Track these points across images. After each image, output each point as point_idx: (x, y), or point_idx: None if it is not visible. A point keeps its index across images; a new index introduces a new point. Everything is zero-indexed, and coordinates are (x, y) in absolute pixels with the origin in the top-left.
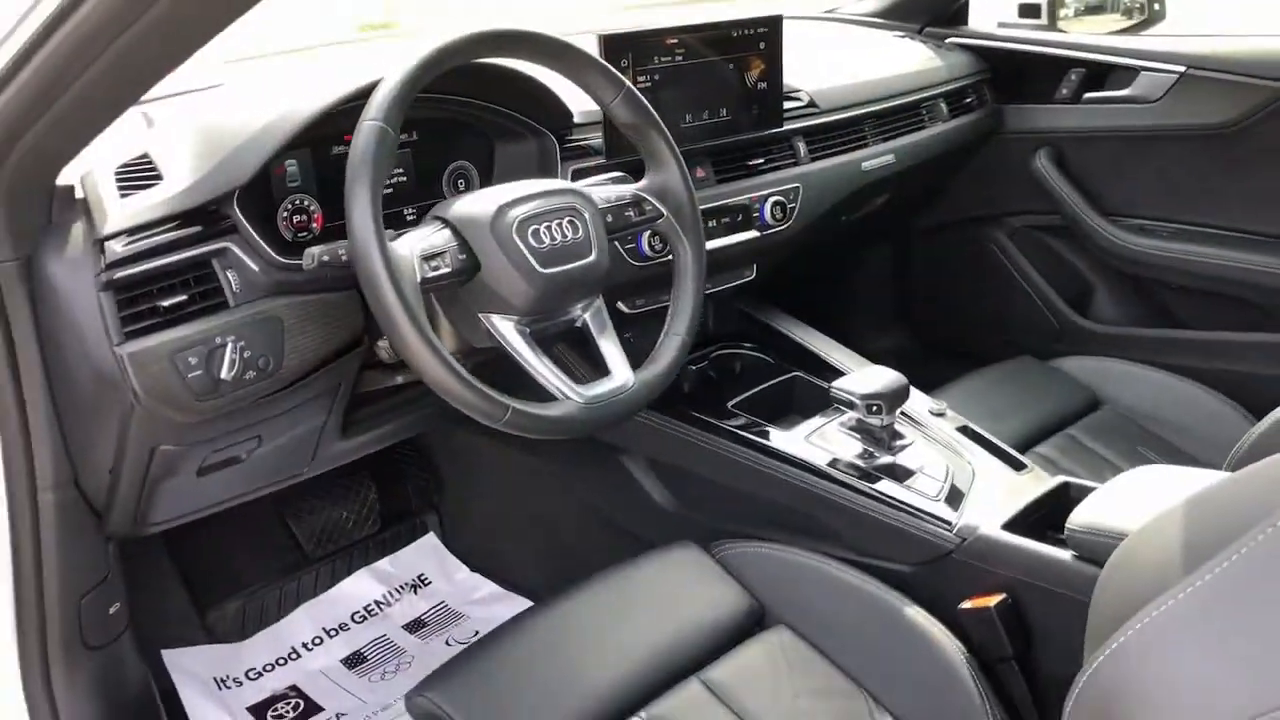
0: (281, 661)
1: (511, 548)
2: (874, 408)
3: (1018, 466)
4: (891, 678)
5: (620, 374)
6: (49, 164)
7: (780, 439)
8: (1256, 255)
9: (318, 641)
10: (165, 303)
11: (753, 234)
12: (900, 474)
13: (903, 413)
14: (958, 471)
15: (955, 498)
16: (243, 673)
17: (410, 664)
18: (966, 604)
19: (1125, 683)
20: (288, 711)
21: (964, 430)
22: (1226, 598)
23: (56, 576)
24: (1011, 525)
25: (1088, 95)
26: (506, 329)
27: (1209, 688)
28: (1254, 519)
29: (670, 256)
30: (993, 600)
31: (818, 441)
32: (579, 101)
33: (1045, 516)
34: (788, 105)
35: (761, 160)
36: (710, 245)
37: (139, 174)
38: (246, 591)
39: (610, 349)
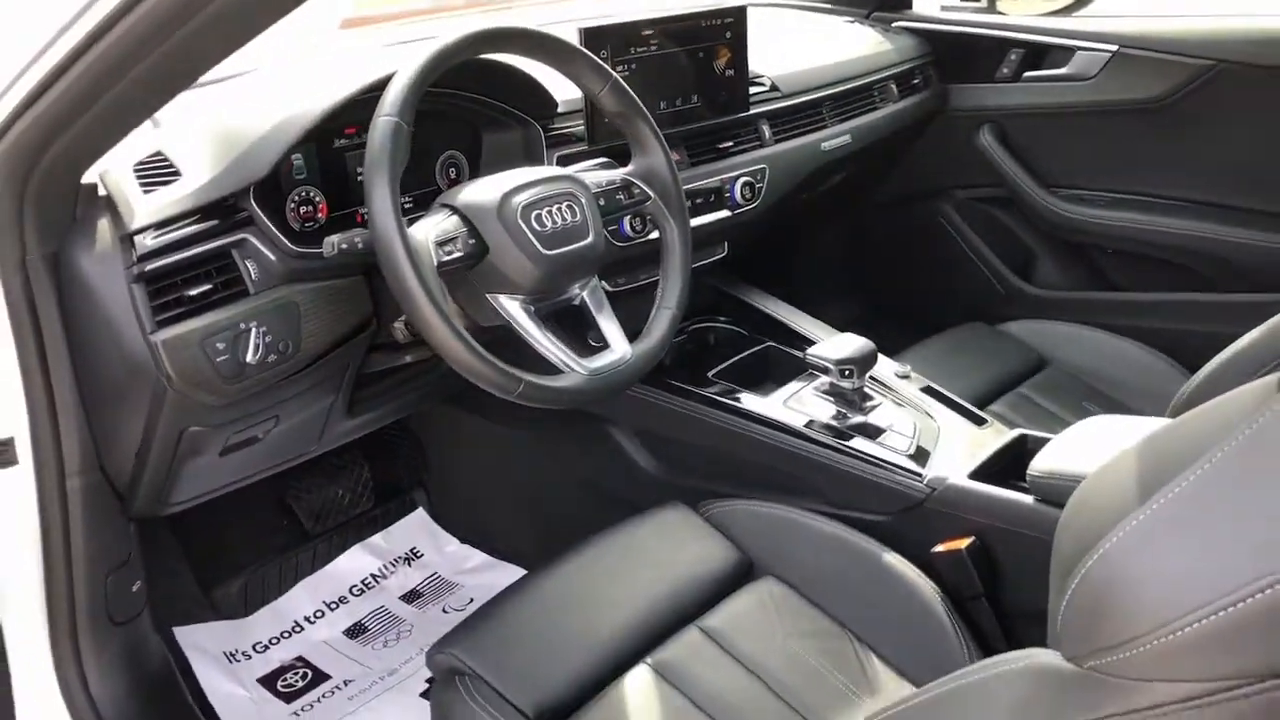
0: (286, 635)
1: (500, 519)
2: (846, 371)
3: (979, 422)
4: (872, 618)
5: (619, 347)
6: (79, 163)
7: (759, 404)
8: (1186, 220)
9: (319, 615)
10: (192, 292)
11: (724, 213)
12: (872, 432)
13: (871, 376)
14: (924, 428)
15: (923, 452)
16: (250, 646)
17: (410, 631)
18: (939, 548)
19: (1113, 578)
20: (297, 681)
21: (927, 390)
22: (1195, 502)
23: (84, 556)
24: (977, 475)
25: (1027, 74)
26: (513, 308)
27: (1184, 575)
28: (1199, 454)
29: (650, 236)
30: (963, 543)
31: (794, 405)
32: (560, 91)
33: (1006, 467)
34: (752, 90)
35: (730, 143)
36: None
37: (157, 171)
38: (248, 570)
39: (608, 324)
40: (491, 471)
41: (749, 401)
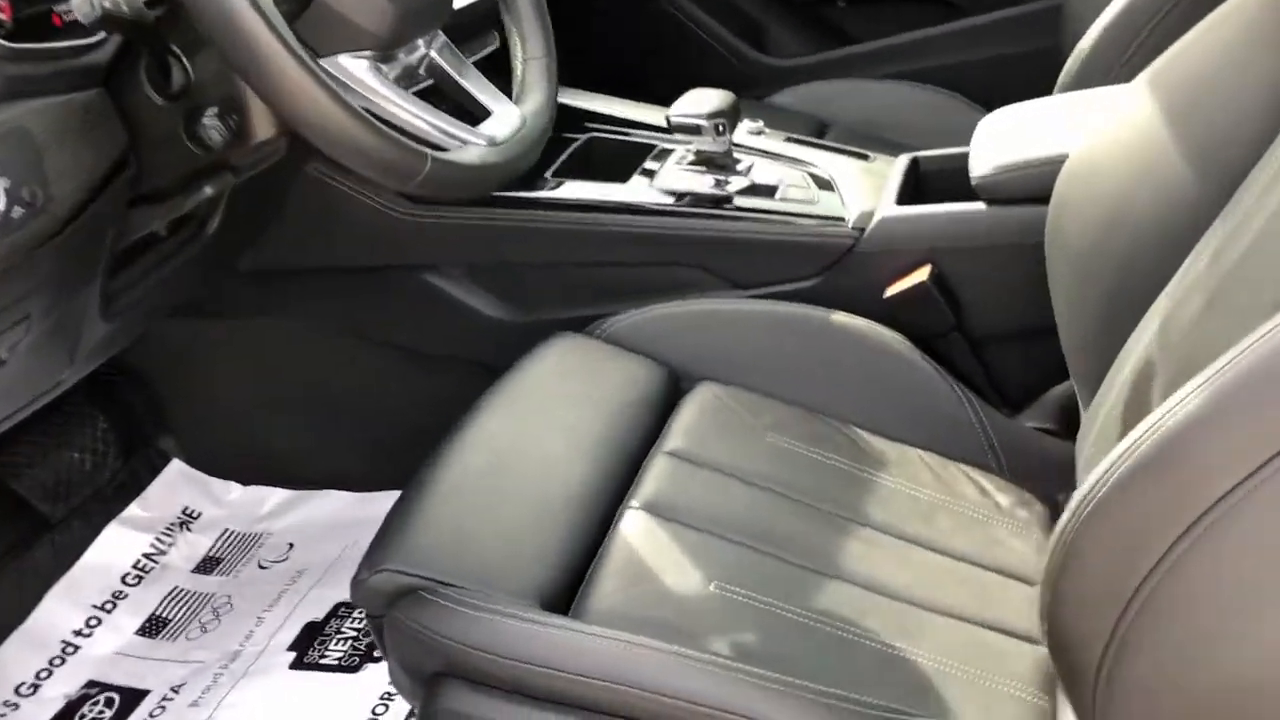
0: (58, 662)
1: (288, 443)
2: (720, 127)
3: (863, 157)
4: (840, 388)
5: (505, 109)
6: None
7: (621, 192)
8: None
9: (94, 623)
10: None
11: None
12: (764, 191)
13: None
14: (814, 174)
15: (830, 196)
16: (12, 692)
17: (230, 604)
18: (892, 289)
19: None
20: (102, 712)
21: (790, 140)
22: None
23: None
24: (901, 202)
25: None
26: (361, 70)
27: None
28: (1211, 85)
29: None
30: (924, 274)
31: (662, 185)
32: None
33: (917, 190)
34: None
35: None
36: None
37: None
38: None
39: (479, 86)
40: (263, 387)
41: (606, 193)
